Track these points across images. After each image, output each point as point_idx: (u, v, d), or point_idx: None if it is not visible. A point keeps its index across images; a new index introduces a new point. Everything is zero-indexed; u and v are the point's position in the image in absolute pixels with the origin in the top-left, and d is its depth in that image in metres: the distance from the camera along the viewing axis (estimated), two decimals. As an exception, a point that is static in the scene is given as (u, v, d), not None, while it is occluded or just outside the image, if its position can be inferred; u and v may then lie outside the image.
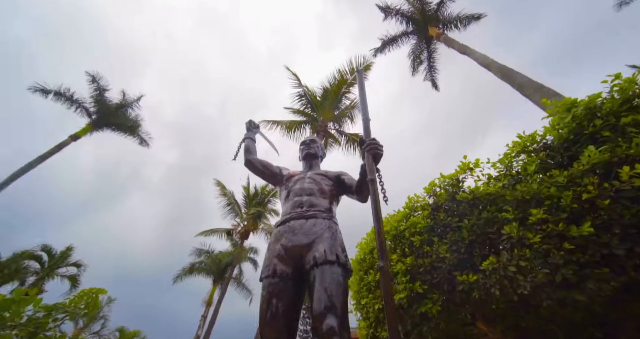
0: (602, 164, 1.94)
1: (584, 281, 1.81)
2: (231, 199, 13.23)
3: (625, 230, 1.76)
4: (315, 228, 1.63)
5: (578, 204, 1.94)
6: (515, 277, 2.04)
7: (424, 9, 14.70)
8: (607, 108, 2.15)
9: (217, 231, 13.60)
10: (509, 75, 8.01)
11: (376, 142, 1.55)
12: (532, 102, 6.93)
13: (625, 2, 13.28)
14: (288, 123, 12.75)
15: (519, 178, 2.42)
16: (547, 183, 2.14)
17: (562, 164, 2.21)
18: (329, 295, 1.30)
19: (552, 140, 2.40)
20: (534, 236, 2.02)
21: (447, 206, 2.76)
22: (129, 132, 17.89)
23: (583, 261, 1.84)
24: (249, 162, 2.20)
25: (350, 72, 12.30)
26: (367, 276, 3.20)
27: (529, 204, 2.18)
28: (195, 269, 14.64)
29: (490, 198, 2.47)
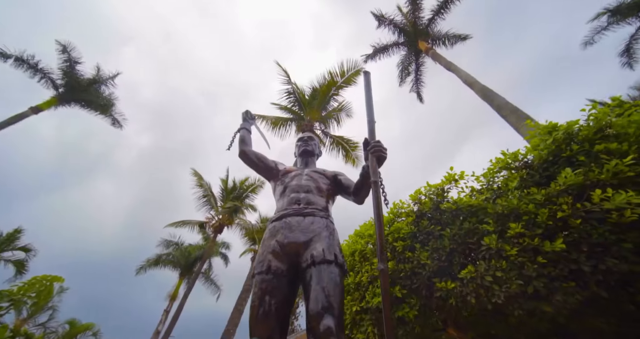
0: (577, 186, 2.10)
1: (553, 293, 1.95)
2: (208, 191, 12.76)
3: (592, 248, 1.92)
4: (313, 226, 1.61)
5: (553, 221, 2.08)
6: (491, 287, 2.15)
7: (416, 22, 15.16)
8: (583, 135, 2.33)
9: (190, 223, 13.05)
10: (489, 95, 8.48)
11: (381, 144, 1.56)
12: (508, 123, 7.38)
13: (589, 42, 14.75)
14: (274, 119, 12.58)
15: (500, 193, 2.56)
16: (526, 200, 2.28)
17: (541, 183, 2.37)
18: (326, 295, 1.29)
19: (533, 160, 2.56)
20: (511, 249, 2.14)
21: (431, 214, 2.85)
22: (101, 110, 16.74)
23: (554, 274, 1.98)
24: (244, 153, 2.13)
25: (340, 74, 12.40)
26: (346, 278, 3.22)
27: (508, 218, 2.31)
28: (162, 261, 13.93)
29: (472, 210, 2.59)
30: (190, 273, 13.98)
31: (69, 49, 14.51)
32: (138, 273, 13.72)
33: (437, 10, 14.53)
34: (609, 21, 14.30)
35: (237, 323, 7.20)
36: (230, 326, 7.04)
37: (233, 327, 7.03)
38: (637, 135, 2.10)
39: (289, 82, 12.68)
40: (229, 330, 6.93)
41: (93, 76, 15.95)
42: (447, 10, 14.59)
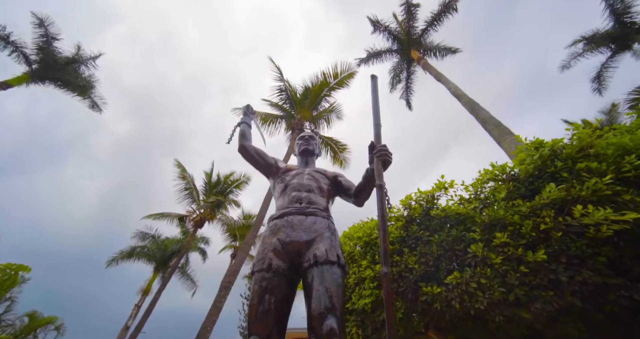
0: (559, 201, 2.23)
1: (533, 301, 2.06)
2: (190, 183, 12.38)
3: (570, 260, 2.05)
4: (315, 226, 1.60)
5: (536, 233, 2.20)
6: (475, 293, 2.23)
7: (410, 31, 15.50)
8: (567, 153, 2.48)
9: (169, 216, 12.60)
10: (475, 109, 8.82)
11: (387, 148, 1.58)
12: (491, 136, 7.71)
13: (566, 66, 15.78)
14: (264, 115, 12.44)
15: (488, 203, 2.67)
16: (512, 211, 2.39)
17: (526, 195, 2.49)
18: (329, 296, 1.29)
19: (519, 173, 2.69)
20: (496, 257, 2.24)
21: (421, 220, 2.92)
22: (79, 92, 15.87)
23: (534, 283, 2.09)
24: (244, 148, 2.10)
25: (333, 76, 12.47)
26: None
27: (494, 228, 2.42)
28: (136, 254, 13.33)
29: (461, 218, 2.69)
30: (165, 267, 13.50)
31: (46, 23, 13.61)
32: (109, 265, 13.06)
33: (431, 21, 14.92)
34: (584, 48, 15.28)
35: (214, 321, 7.00)
36: (208, 324, 6.84)
37: (210, 324, 6.84)
38: (614, 156, 2.26)
39: (281, 79, 12.59)
40: (206, 327, 6.74)
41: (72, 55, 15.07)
42: (439, 23, 15.02)
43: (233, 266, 7.76)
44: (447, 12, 14.63)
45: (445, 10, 14.52)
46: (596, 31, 14.83)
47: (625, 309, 1.90)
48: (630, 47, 14.36)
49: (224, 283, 7.36)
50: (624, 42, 14.39)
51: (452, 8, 14.47)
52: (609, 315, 1.97)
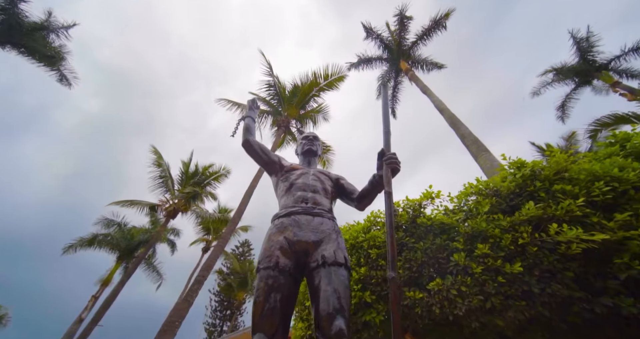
0: (536, 218, 2.41)
1: (507, 309, 2.21)
2: (166, 172, 11.75)
3: (542, 273, 2.22)
4: (322, 227, 1.61)
5: (514, 246, 2.37)
6: (455, 299, 2.36)
7: (401, 42, 15.95)
8: (545, 175, 2.70)
9: (140, 204, 11.86)
10: (456, 124, 9.27)
11: (396, 157, 1.63)
12: (469, 151, 8.14)
13: (537, 93, 17.13)
14: (249, 108, 12.20)
15: (471, 215, 2.83)
16: (493, 225, 2.55)
17: (506, 211, 2.67)
18: (338, 297, 1.31)
19: (501, 190, 2.88)
20: (476, 267, 2.38)
21: (407, 227, 3.03)
22: (47, 62, 14.58)
23: (509, 293, 2.24)
24: (248, 143, 2.06)
25: (324, 77, 12.51)
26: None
27: (476, 239, 2.56)
28: (98, 242, 12.39)
29: (445, 228, 2.82)
30: (129, 257, 12.71)
31: (10, -20, 12.34)
32: (65, 252, 12.03)
33: (421, 35, 15.46)
34: (553, 78, 16.65)
35: (183, 315, 6.70)
36: (176, 318, 6.52)
37: (179, 319, 6.53)
38: (586, 181, 2.49)
39: (270, 75, 12.42)
40: (174, 322, 6.42)
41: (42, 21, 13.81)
42: (429, 38, 15.60)
43: (208, 260, 7.49)
44: (437, 28, 15.22)
45: (435, 26, 15.11)
46: (564, 64, 16.22)
47: (587, 321, 2.10)
48: (590, 82, 15.85)
49: (198, 277, 7.08)
50: (585, 77, 15.84)
51: (442, 25, 15.09)
52: (572, 326, 2.17)
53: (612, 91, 15.04)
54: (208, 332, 18.56)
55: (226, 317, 19.33)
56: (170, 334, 6.31)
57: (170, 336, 6.29)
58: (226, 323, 19.06)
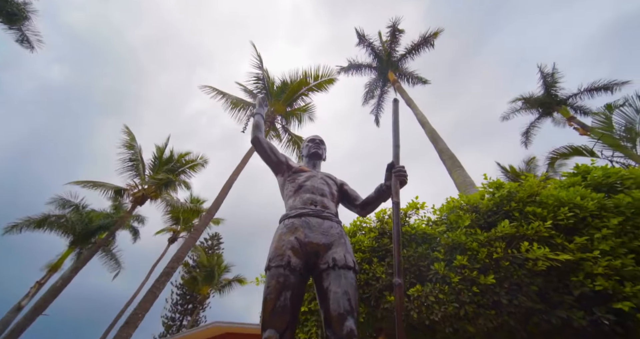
0: (509, 235, 2.66)
1: (478, 317, 2.42)
2: (137, 155, 11.00)
3: (511, 286, 2.46)
4: (332, 231, 1.67)
5: (489, 260, 2.59)
6: (433, 306, 2.52)
7: (391, 53, 16.47)
8: (519, 197, 2.98)
9: (104, 186, 10.98)
10: (435, 138, 9.78)
11: (405, 169, 1.73)
12: (445, 166, 8.64)
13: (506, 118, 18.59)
14: (234, 99, 11.87)
15: (452, 228, 3.03)
16: (471, 238, 2.76)
17: (484, 226, 2.91)
18: (348, 299, 1.37)
19: (480, 207, 3.12)
20: (454, 277, 2.56)
21: (391, 234, 3.17)
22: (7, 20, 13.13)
23: (481, 302, 2.45)
24: (257, 140, 2.05)
25: (314, 77, 12.55)
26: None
27: (455, 250, 2.76)
28: (49, 223, 11.25)
29: (428, 238, 3.00)
30: (85, 243, 11.73)
31: None
32: (8, 232, 10.78)
33: (410, 49, 16.08)
34: (521, 106, 18.15)
35: (148, 308, 6.33)
36: (139, 310, 6.14)
37: (142, 311, 6.15)
38: (553, 206, 2.79)
39: (260, 68, 12.21)
40: (137, 314, 6.04)
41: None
42: (417, 53, 16.27)
43: (179, 252, 7.17)
44: (425, 45, 15.91)
45: (424, 43, 15.79)
46: (531, 95, 17.76)
47: (542, 331, 2.36)
48: (551, 114, 17.49)
49: (167, 269, 6.74)
50: (548, 108, 17.45)
51: (430, 43, 15.81)
52: (530, 334, 2.42)
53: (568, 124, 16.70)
54: (166, 326, 17.59)
55: (187, 311, 18.50)
56: (132, 327, 5.96)
57: (132, 329, 5.94)
58: (186, 317, 18.23)
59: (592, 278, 2.33)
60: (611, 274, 2.32)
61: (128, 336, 5.79)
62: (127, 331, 5.82)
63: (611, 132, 8.08)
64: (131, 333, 5.90)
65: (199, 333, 6.76)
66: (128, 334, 5.82)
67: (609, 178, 3.05)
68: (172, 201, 11.57)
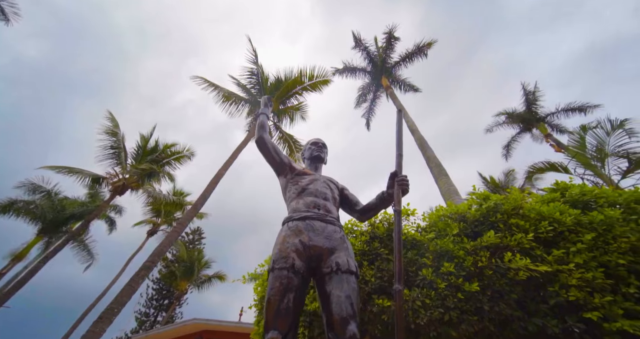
0: (494, 245, 2.80)
1: (461, 322, 2.53)
2: (120, 143, 10.50)
3: (493, 293, 2.59)
4: (335, 235, 1.69)
5: (474, 268, 2.71)
6: (419, 310, 2.61)
7: (385, 59, 16.74)
8: (504, 209, 3.13)
9: (81, 173, 10.39)
10: (424, 146, 10.05)
11: (407, 179, 1.79)
12: (431, 173, 8.90)
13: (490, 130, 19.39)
14: (227, 92, 11.66)
15: (441, 235, 3.15)
16: (458, 247, 2.89)
17: (470, 236, 3.04)
18: (351, 303, 1.41)
19: (467, 216, 3.26)
20: (441, 283, 2.67)
21: (383, 238, 3.25)
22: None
23: (465, 308, 2.57)
24: (262, 140, 2.05)
25: (309, 77, 12.54)
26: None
27: (443, 258, 2.87)
28: (16, 209, 10.50)
29: (416, 244, 3.10)
30: (55, 231, 11.09)
31: None
32: (-32, 215, 9.99)
33: (404, 57, 16.42)
34: (504, 120, 18.98)
35: (125, 303, 6.06)
36: (116, 305, 5.87)
37: (119, 306, 5.88)
38: (535, 219, 2.97)
39: (255, 63, 12.07)
40: (113, 309, 5.78)
41: None
42: (410, 62, 16.63)
43: (161, 246, 6.93)
44: (419, 54, 16.30)
45: (418, 52, 16.17)
46: (514, 110, 18.61)
47: (520, 337, 2.50)
48: (531, 130, 18.40)
49: (147, 263, 6.50)
50: (528, 124, 18.35)
51: (424, 53, 16.21)
52: (508, 339, 2.56)
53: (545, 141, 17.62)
54: (139, 321, 16.89)
55: (162, 307, 17.87)
56: (107, 322, 5.70)
57: (107, 325, 5.68)
58: (162, 313, 17.61)
59: (566, 288, 2.50)
60: (583, 286, 2.50)
61: (102, 332, 5.55)
62: (101, 326, 5.56)
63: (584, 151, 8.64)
64: (105, 328, 5.65)
65: (177, 330, 6.60)
66: (102, 329, 5.57)
67: (584, 195, 3.27)
68: (154, 192, 11.15)
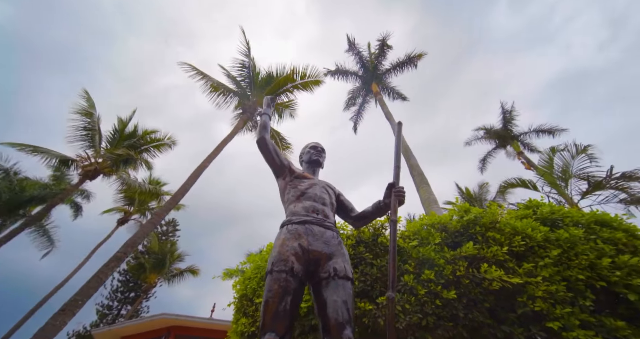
0: (472, 256, 2.97)
1: (437, 328, 2.66)
2: (95, 125, 9.81)
3: (468, 301, 2.75)
4: (333, 241, 1.73)
5: (453, 276, 2.86)
6: (399, 315, 2.72)
7: (377, 66, 17.05)
8: (482, 222, 3.33)
9: (48, 153, 9.60)
10: (408, 154, 10.36)
11: (404, 190, 1.87)
12: (413, 181, 9.20)
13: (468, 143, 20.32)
14: (216, 83, 11.34)
15: (423, 243, 3.29)
16: (439, 255, 3.03)
17: (450, 245, 3.20)
18: (347, 308, 1.45)
19: (449, 227, 3.42)
20: (421, 289, 2.79)
21: (368, 243, 3.34)
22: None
23: (442, 315, 2.70)
24: (263, 140, 2.05)
25: (301, 75, 12.50)
26: (270, 279, 3.31)
27: (424, 265, 3.00)
28: None
29: (400, 251, 3.21)
30: (10, 214, 10.20)
31: None
32: None
33: (395, 66, 16.81)
34: (482, 135, 19.96)
35: (91, 295, 5.66)
36: (81, 297, 5.48)
37: (84, 298, 5.49)
38: (509, 233, 3.18)
39: (247, 55, 11.85)
40: (77, 301, 5.38)
41: None
42: (401, 70, 17.06)
43: (135, 236, 6.57)
44: (409, 64, 16.75)
45: (409, 62, 16.61)
46: (492, 126, 19.62)
47: (489, 342, 2.67)
48: (505, 146, 19.51)
49: (119, 253, 6.13)
50: (504, 141, 19.43)
51: (414, 63, 16.68)
52: (478, 345, 2.73)
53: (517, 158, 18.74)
54: (100, 314, 15.76)
55: (128, 300, 16.88)
56: (70, 314, 5.33)
57: (69, 317, 5.31)
58: (126, 306, 16.63)
59: (533, 299, 2.70)
60: (547, 297, 2.72)
61: (62, 325, 5.18)
62: (62, 318, 5.19)
63: (551, 171, 9.33)
64: (67, 321, 5.28)
65: (143, 324, 6.33)
66: (63, 322, 5.20)
67: (553, 214, 3.55)
68: (128, 180, 10.56)
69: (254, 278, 3.46)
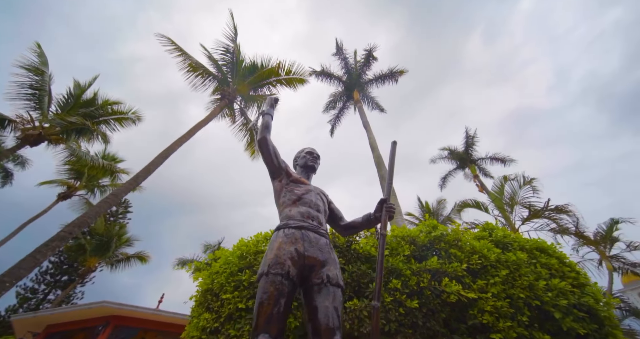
0: (435, 270, 3.21)
1: (398, 334, 2.82)
2: (46, 85, 8.52)
3: (428, 311, 2.96)
4: (327, 248, 1.76)
5: (417, 287, 3.07)
6: (364, 320, 2.84)
7: (360, 75, 17.49)
8: (447, 239, 3.62)
9: None
10: (380, 165, 10.78)
11: (394, 207, 1.97)
12: (382, 191, 9.58)
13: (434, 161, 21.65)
14: (195, 63, 10.71)
15: (393, 254, 3.47)
16: (406, 266, 3.23)
17: (417, 258, 3.42)
18: (337, 315, 1.49)
19: (417, 240, 3.66)
20: (387, 297, 2.95)
21: (342, 249, 3.43)
22: None
23: (404, 322, 2.88)
24: (265, 141, 2.02)
25: (286, 71, 12.35)
26: (241, 274, 3.24)
27: (392, 274, 3.17)
28: None
29: (371, 259, 3.36)
30: None
31: None
32: None
33: (377, 77, 17.40)
34: (446, 155, 21.47)
35: (22, 276, 4.85)
36: (9, 277, 4.68)
37: (13, 279, 4.70)
38: (469, 252, 3.50)
39: (233, 40, 11.41)
40: (4, 282, 4.59)
41: None
42: (382, 83, 17.69)
43: (85, 216, 5.83)
44: (391, 79, 17.45)
45: (390, 76, 17.29)
46: (455, 148, 21.19)
47: (441, 349, 2.91)
48: (464, 168, 21.20)
49: (63, 232, 5.39)
50: (463, 163, 21.09)
51: (395, 79, 17.40)
52: (431, 351, 2.95)
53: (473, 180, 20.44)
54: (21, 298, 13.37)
55: (59, 283, 14.79)
56: None
57: None
58: (55, 291, 14.54)
59: (482, 313, 3.01)
60: (493, 312, 3.04)
61: (-20, 308, 4.43)
62: (-18, 300, 4.47)
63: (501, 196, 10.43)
64: (-14, 303, 4.53)
65: (78, 312, 5.70)
66: (-19, 304, 4.45)
67: (505, 238, 3.97)
68: (79, 151, 9.36)
69: (222, 273, 3.36)
